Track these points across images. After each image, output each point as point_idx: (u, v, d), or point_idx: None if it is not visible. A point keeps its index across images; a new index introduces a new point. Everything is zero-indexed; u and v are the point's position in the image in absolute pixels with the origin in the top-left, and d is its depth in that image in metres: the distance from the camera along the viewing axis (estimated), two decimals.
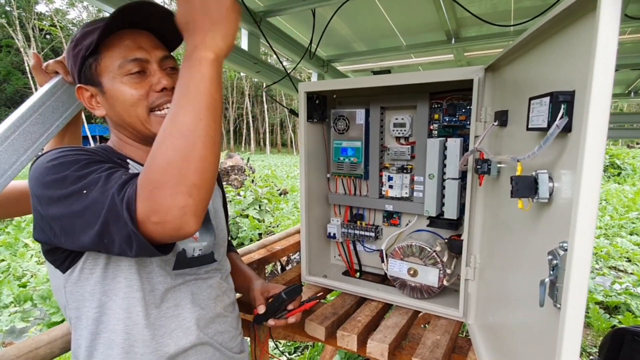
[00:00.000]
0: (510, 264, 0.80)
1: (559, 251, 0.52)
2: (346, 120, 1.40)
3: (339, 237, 1.48)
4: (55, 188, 0.65)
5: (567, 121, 0.51)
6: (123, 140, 0.85)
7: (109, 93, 0.78)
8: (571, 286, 0.46)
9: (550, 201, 0.58)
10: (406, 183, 1.33)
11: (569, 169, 0.54)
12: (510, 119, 0.83)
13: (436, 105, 1.26)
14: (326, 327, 1.13)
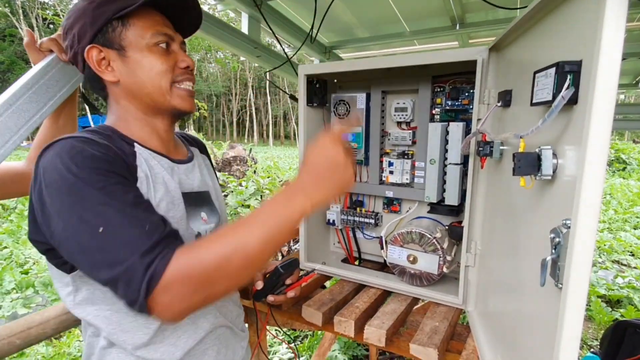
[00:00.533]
0: (511, 247, 0.78)
1: (561, 229, 0.50)
2: (347, 104, 1.37)
3: (339, 224, 1.46)
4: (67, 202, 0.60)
5: (573, 92, 0.49)
6: (130, 114, 0.81)
7: (134, 59, 0.77)
8: (574, 263, 0.44)
9: (553, 178, 0.56)
10: (407, 169, 1.30)
11: (574, 144, 0.51)
12: (514, 99, 0.80)
13: (439, 89, 1.23)
14: (323, 312, 1.11)
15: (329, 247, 1.60)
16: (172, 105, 0.81)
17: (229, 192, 5.85)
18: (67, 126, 1.09)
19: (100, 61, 0.77)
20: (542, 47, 0.65)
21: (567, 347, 0.48)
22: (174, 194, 0.78)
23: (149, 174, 0.74)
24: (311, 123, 1.36)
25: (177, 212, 0.78)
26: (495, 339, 0.87)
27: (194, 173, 0.88)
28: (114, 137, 0.75)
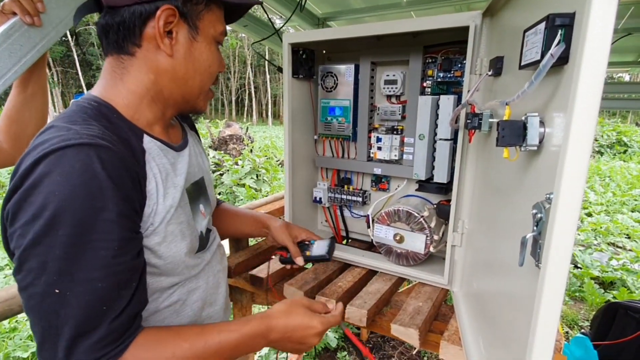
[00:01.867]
0: (494, 226, 0.74)
1: (544, 204, 0.45)
2: (335, 77, 1.31)
3: (326, 201, 1.42)
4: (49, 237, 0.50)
5: (564, 49, 0.43)
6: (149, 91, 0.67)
7: (200, 47, 0.68)
8: (553, 241, 0.40)
9: (540, 149, 0.51)
10: (396, 145, 1.24)
11: (562, 110, 0.46)
12: (505, 65, 0.74)
13: (430, 59, 1.16)
14: (305, 291, 1.08)
15: (317, 226, 1.56)
16: (197, 106, 0.74)
17: (225, 171, 5.80)
18: (36, 95, 1.04)
19: (167, 25, 0.64)
20: (532, 5, 0.59)
21: (543, 332, 0.44)
22: (183, 194, 0.70)
23: (159, 179, 0.64)
24: (297, 96, 1.30)
25: (186, 216, 0.70)
26: (477, 319, 0.84)
27: (191, 159, 0.78)
28: (121, 127, 0.62)
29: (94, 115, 0.60)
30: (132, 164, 0.58)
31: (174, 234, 0.66)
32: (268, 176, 5.87)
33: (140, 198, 0.59)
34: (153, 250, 0.63)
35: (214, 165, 5.98)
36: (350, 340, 2.59)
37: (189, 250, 0.70)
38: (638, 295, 3.28)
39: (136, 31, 0.63)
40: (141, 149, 0.63)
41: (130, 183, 0.56)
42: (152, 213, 0.61)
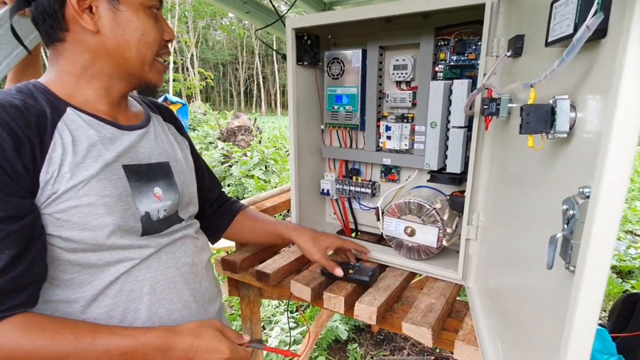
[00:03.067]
0: (517, 220, 0.68)
1: (577, 199, 0.40)
2: (341, 63, 1.24)
3: (334, 193, 1.37)
4: None
5: (602, 19, 0.37)
6: (86, 71, 0.68)
7: (126, 16, 0.67)
8: (592, 243, 0.34)
9: (570, 136, 0.45)
10: (406, 134, 1.18)
11: (599, 91, 0.40)
12: (526, 45, 0.67)
13: (442, 42, 1.09)
14: (312, 287, 1.04)
15: (325, 219, 1.52)
16: (146, 78, 0.74)
17: (233, 162, 5.78)
18: None
19: (81, 2, 0.64)
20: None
21: (578, 340, 0.39)
22: (112, 168, 0.67)
23: (70, 149, 0.63)
24: (302, 84, 1.24)
25: (115, 189, 0.67)
26: (494, 318, 0.79)
27: (146, 141, 0.77)
28: (40, 100, 0.64)
29: (15, 90, 0.64)
30: (25, 128, 0.58)
31: (94, 205, 0.63)
32: (277, 167, 5.83)
33: (28, 162, 0.58)
34: (62, 220, 0.61)
35: (222, 156, 5.96)
36: (361, 333, 2.57)
37: (119, 228, 0.66)
38: None
39: (58, 16, 0.65)
40: (53, 120, 0.63)
41: (11, 143, 0.56)
42: (51, 180, 0.60)
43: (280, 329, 2.39)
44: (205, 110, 12.38)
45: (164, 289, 0.73)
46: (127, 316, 0.69)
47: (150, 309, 0.71)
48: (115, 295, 0.68)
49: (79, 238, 0.63)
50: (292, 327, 2.43)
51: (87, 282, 0.66)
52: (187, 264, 0.79)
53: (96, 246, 0.65)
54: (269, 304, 2.71)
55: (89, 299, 0.66)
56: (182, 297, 0.76)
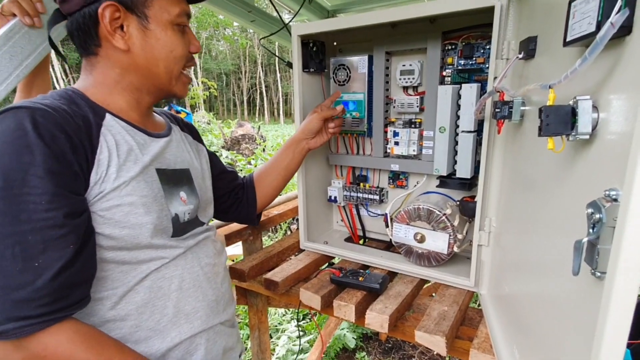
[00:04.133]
0: (533, 225, 0.66)
1: (603, 202, 0.38)
2: (347, 69, 1.24)
3: (341, 200, 1.36)
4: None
5: (628, 15, 0.36)
6: (119, 84, 0.72)
7: (155, 34, 0.70)
8: (623, 247, 0.33)
9: (592, 138, 0.44)
10: (414, 139, 1.17)
11: (625, 90, 0.38)
12: (539, 47, 0.66)
13: (450, 46, 1.09)
14: (322, 295, 1.03)
15: (332, 226, 1.50)
16: (172, 91, 0.77)
17: (238, 170, 5.79)
18: None
19: (114, 22, 0.67)
20: None
21: (609, 349, 0.37)
22: (149, 170, 0.70)
23: (115, 152, 0.66)
24: (308, 91, 1.24)
25: (151, 191, 0.69)
26: (510, 326, 0.77)
27: (170, 148, 0.80)
28: (81, 105, 0.66)
29: (57, 95, 0.66)
30: (76, 131, 0.61)
31: (135, 205, 0.66)
32: None
33: (83, 162, 0.61)
34: (106, 217, 0.63)
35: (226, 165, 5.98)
36: (369, 341, 2.53)
37: (155, 227, 0.68)
38: None
39: (91, 32, 0.69)
40: (97, 124, 0.66)
41: (68, 145, 0.59)
42: (100, 180, 0.63)
43: (288, 337, 2.36)
44: (209, 119, 12.45)
45: (189, 286, 0.75)
46: (155, 312, 0.70)
47: (177, 306, 0.72)
48: (145, 292, 0.69)
49: (119, 235, 0.64)
50: (299, 336, 2.40)
51: (120, 279, 0.67)
52: (209, 264, 0.81)
53: (134, 244, 0.66)
54: (275, 313, 2.69)
55: (120, 295, 0.67)
56: (206, 295, 0.78)
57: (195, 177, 0.85)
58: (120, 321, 0.67)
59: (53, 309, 0.55)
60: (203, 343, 0.76)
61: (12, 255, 0.54)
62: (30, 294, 0.54)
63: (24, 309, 0.54)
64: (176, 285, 0.73)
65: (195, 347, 0.74)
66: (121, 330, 0.67)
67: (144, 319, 0.68)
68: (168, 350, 0.70)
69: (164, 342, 0.70)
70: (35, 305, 0.54)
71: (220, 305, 0.82)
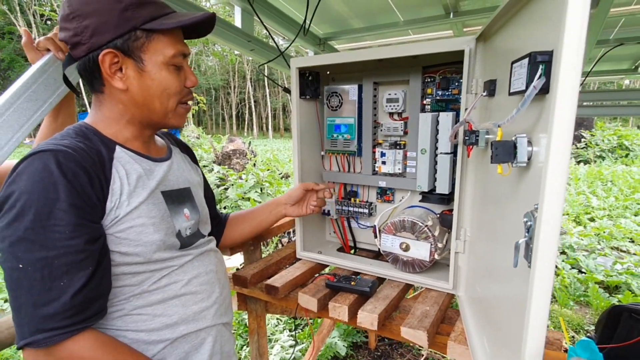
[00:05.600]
0: (493, 233, 0.81)
1: (533, 213, 0.53)
2: (339, 96, 1.39)
3: (334, 214, 1.49)
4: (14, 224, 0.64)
5: (545, 82, 0.51)
6: (122, 117, 0.81)
7: (150, 75, 0.78)
8: (541, 243, 0.47)
9: (528, 165, 0.58)
10: (399, 159, 1.32)
11: (545, 132, 0.53)
12: (498, 88, 0.82)
13: (429, 79, 1.25)
14: (318, 299, 1.15)
15: (325, 237, 1.63)
16: (170, 123, 0.85)
17: (229, 185, 5.88)
18: (65, 124, 1.11)
19: (113, 66, 0.76)
20: (518, 38, 0.67)
21: (535, 322, 0.50)
22: (155, 194, 0.80)
23: (126, 181, 0.75)
24: (304, 115, 1.38)
25: (159, 212, 0.79)
26: (481, 320, 0.91)
27: (172, 170, 0.90)
28: (95, 141, 0.76)
29: (74, 133, 0.76)
30: (93, 166, 0.70)
31: (145, 225, 0.76)
32: (272, 189, 5.94)
33: (99, 194, 0.70)
34: (121, 238, 0.73)
35: (218, 179, 6.06)
36: (359, 349, 2.63)
37: (163, 243, 0.79)
38: None
39: (96, 74, 0.78)
40: (109, 157, 0.76)
41: (87, 180, 0.68)
42: (114, 207, 0.72)
43: (281, 346, 2.45)
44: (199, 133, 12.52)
45: (196, 288, 0.85)
46: (167, 309, 0.80)
47: (185, 305, 0.83)
48: (158, 293, 0.79)
49: (134, 252, 0.75)
50: (292, 345, 2.48)
51: (137, 284, 0.77)
52: (212, 271, 0.92)
53: (146, 259, 0.76)
54: (268, 323, 2.77)
55: (137, 295, 0.77)
56: (210, 297, 0.89)
57: (196, 194, 0.95)
58: (137, 315, 0.77)
59: (75, 320, 0.65)
60: (209, 339, 0.87)
61: (41, 277, 0.63)
62: (56, 309, 0.63)
63: (51, 321, 0.63)
64: (185, 287, 0.83)
65: (200, 341, 0.85)
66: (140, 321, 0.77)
67: (157, 313, 0.79)
68: (176, 339, 0.81)
69: (174, 333, 0.80)
70: (61, 318, 0.64)
71: (223, 308, 0.93)
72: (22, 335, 0.64)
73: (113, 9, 0.74)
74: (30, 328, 0.63)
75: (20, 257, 0.63)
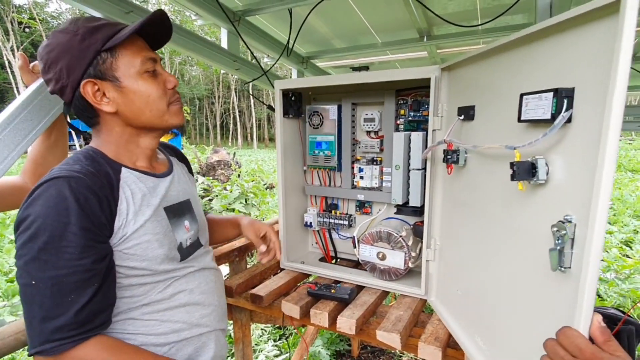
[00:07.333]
0: (486, 239, 0.90)
1: (563, 224, 0.62)
2: (320, 115, 1.49)
3: (315, 225, 1.58)
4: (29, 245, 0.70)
5: (570, 114, 0.61)
6: (122, 138, 0.86)
7: (130, 89, 0.82)
8: (593, 252, 0.56)
9: (545, 183, 0.68)
10: (376, 174, 1.42)
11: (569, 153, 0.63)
12: (478, 114, 0.93)
13: (402, 101, 1.36)
14: (301, 306, 1.22)
15: (308, 248, 1.71)
16: (169, 124, 0.89)
17: (214, 196, 5.89)
18: (58, 141, 1.16)
19: (96, 93, 0.81)
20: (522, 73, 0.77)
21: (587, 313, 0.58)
22: (158, 211, 0.87)
23: (131, 201, 0.81)
24: (288, 133, 1.47)
25: (162, 228, 0.86)
26: (469, 322, 0.98)
27: (174, 184, 0.96)
28: (103, 164, 0.82)
29: (83, 157, 0.81)
30: (102, 189, 0.76)
31: (150, 241, 0.82)
32: (257, 200, 5.99)
33: (108, 215, 0.76)
34: (129, 254, 0.80)
35: (202, 190, 6.07)
36: (342, 358, 2.69)
37: (166, 256, 0.85)
38: (609, 303, 3.49)
39: (89, 108, 0.83)
40: (117, 179, 0.81)
41: (96, 203, 0.74)
42: (122, 226, 0.79)
43: (265, 356, 2.49)
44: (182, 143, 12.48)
45: (198, 297, 0.93)
46: (172, 318, 0.87)
47: (189, 312, 0.90)
48: (163, 302, 0.86)
49: (141, 266, 0.81)
50: (277, 354, 2.53)
51: (144, 294, 0.84)
52: (212, 281, 0.99)
53: (152, 271, 0.83)
54: (253, 334, 2.81)
55: (145, 303, 0.84)
56: (211, 303, 0.96)
57: (194, 204, 1.01)
58: (147, 320, 0.84)
59: (81, 331, 0.71)
60: (211, 343, 0.94)
61: (50, 294, 0.69)
62: (64, 322, 0.69)
63: (59, 333, 0.69)
64: (188, 295, 0.91)
65: (202, 344, 0.92)
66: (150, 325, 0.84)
67: (164, 319, 0.86)
68: (181, 341, 0.88)
69: (179, 336, 0.88)
70: (67, 330, 0.70)
71: (220, 314, 1.01)
72: (33, 344, 0.70)
73: (72, 44, 0.78)
74: (40, 338, 0.69)
75: (33, 275, 0.69)
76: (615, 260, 4.40)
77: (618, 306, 3.34)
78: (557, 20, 0.64)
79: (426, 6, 1.56)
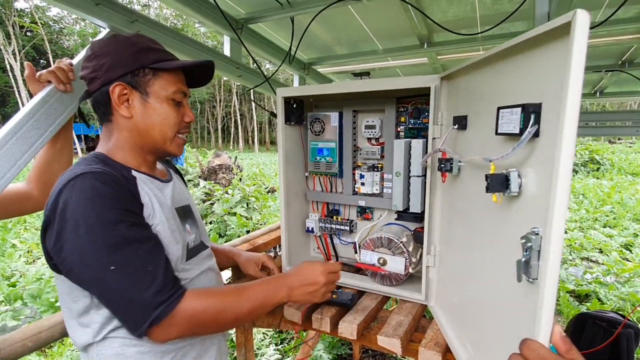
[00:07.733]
0: (475, 248, 0.92)
1: (531, 236, 0.63)
2: (322, 122, 1.51)
3: (317, 231, 1.60)
4: (86, 239, 0.72)
5: (537, 128, 0.63)
6: (128, 144, 0.91)
7: (153, 106, 0.89)
8: (550, 263, 0.58)
9: (518, 194, 0.70)
10: (376, 180, 1.44)
11: (537, 166, 0.65)
12: (470, 124, 0.95)
13: (402, 109, 1.38)
14: (302, 312, 1.24)
15: (309, 253, 1.72)
16: (168, 150, 0.94)
17: (216, 200, 5.91)
18: (64, 149, 1.19)
19: (122, 97, 0.87)
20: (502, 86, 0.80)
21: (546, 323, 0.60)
22: (170, 210, 0.91)
23: (151, 196, 0.87)
24: (289, 139, 1.50)
25: (177, 226, 0.91)
26: (462, 329, 1.00)
27: (175, 189, 1.00)
28: (115, 166, 0.86)
29: (93, 161, 0.85)
30: (125, 183, 0.81)
31: (168, 238, 0.86)
32: (258, 204, 6.00)
33: (137, 204, 0.82)
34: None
35: (204, 195, 6.09)
36: None
37: (181, 254, 0.90)
38: (609, 306, 3.49)
39: (107, 105, 0.89)
40: (132, 177, 0.87)
41: (127, 191, 0.80)
42: (149, 216, 0.84)
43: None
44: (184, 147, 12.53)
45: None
46: None
47: None
48: None
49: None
50: (278, 358, 2.54)
51: None
52: (216, 281, 1.03)
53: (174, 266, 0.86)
54: (254, 338, 2.82)
55: None
56: None
57: (194, 210, 1.07)
58: None
59: (176, 288, 0.78)
60: (213, 348, 0.96)
61: (134, 269, 0.74)
62: (158, 286, 0.75)
63: (160, 296, 0.75)
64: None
65: (205, 349, 0.94)
66: None
67: None
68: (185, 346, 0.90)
69: (184, 340, 0.89)
70: (166, 291, 0.76)
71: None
72: (143, 319, 0.74)
73: (127, 50, 0.87)
74: (146, 310, 0.74)
75: (109, 261, 0.73)
76: (615, 264, 4.40)
77: (618, 310, 3.35)
78: (525, 37, 0.67)
79: (425, 14, 1.58)
